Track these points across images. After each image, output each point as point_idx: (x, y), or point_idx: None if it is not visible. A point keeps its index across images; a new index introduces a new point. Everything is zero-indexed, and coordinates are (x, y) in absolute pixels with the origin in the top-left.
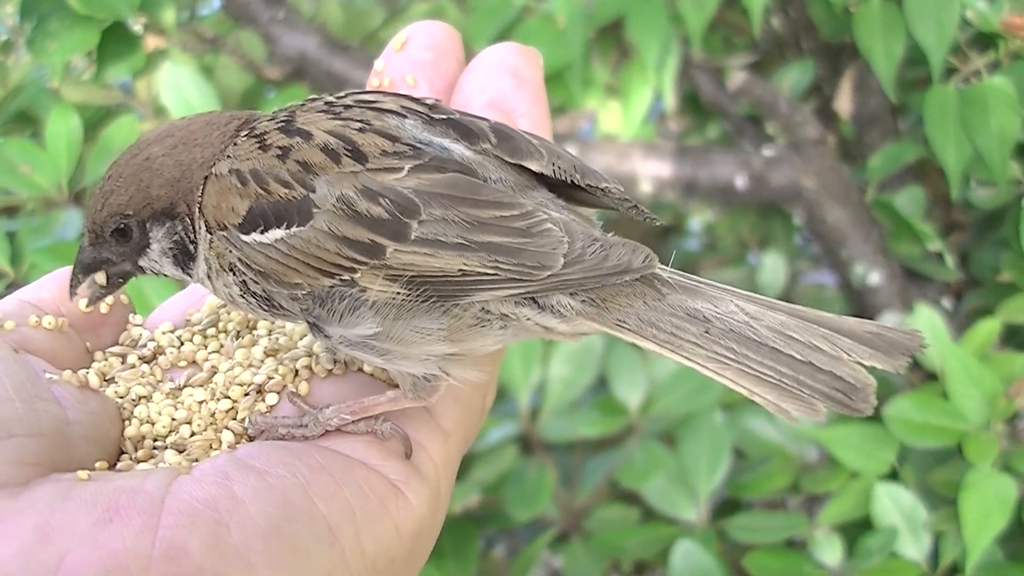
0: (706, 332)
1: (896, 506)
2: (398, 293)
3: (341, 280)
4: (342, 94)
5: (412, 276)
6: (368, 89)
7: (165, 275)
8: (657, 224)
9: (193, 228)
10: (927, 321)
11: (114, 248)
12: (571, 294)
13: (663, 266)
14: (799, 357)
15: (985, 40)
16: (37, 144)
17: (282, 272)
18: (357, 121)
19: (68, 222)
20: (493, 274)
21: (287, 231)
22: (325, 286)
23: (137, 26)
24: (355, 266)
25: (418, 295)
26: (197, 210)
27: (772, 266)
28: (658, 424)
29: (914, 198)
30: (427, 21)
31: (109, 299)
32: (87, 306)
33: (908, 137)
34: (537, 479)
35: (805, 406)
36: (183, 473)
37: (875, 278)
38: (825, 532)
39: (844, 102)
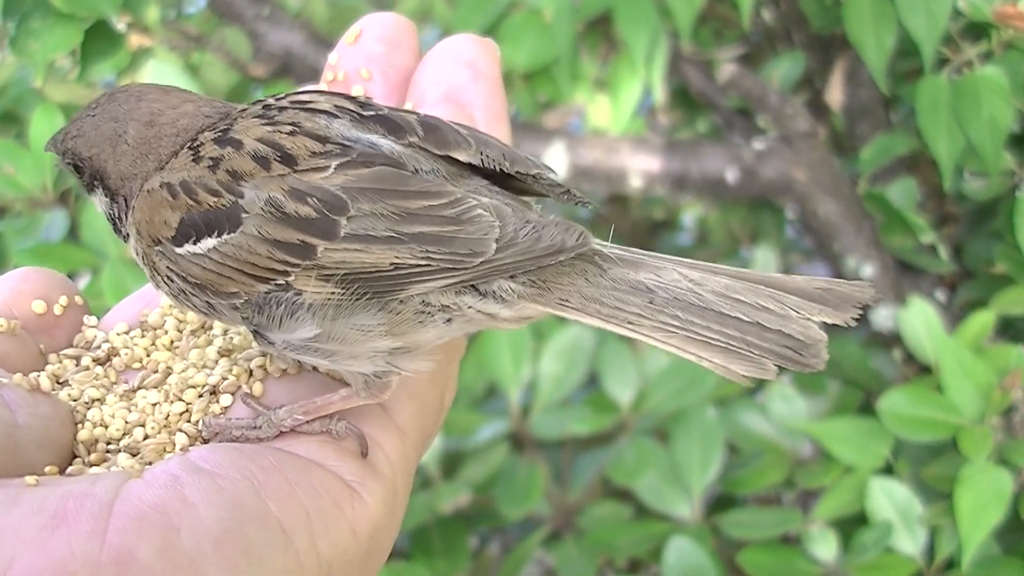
0: (650, 303)
1: (891, 501)
2: (333, 293)
3: (276, 285)
4: (282, 95)
5: (345, 274)
6: (306, 88)
7: None
8: (588, 207)
9: (123, 220)
10: (920, 313)
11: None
12: (511, 278)
13: (603, 242)
14: (745, 318)
15: (977, 30)
16: (21, 145)
17: (218, 282)
18: (288, 124)
19: (53, 223)
20: (425, 265)
21: (218, 239)
22: (261, 292)
23: (120, 24)
24: (288, 269)
25: (353, 292)
26: (129, 215)
27: (763, 260)
28: (650, 420)
29: (906, 190)
30: (381, 13)
31: (63, 300)
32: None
33: (900, 129)
34: (528, 477)
35: (754, 366)
36: (134, 477)
37: (868, 271)
38: (819, 527)
39: (835, 94)
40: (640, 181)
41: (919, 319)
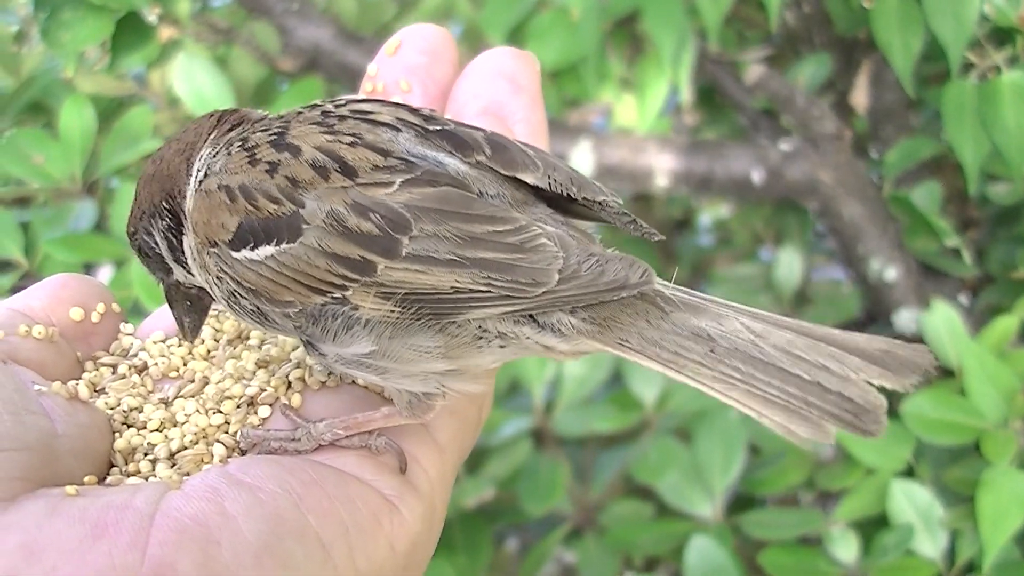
0: (711, 351)
1: (912, 503)
2: (392, 311)
3: (333, 298)
4: (341, 101)
5: (405, 294)
6: (366, 97)
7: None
8: (656, 240)
9: (179, 226)
10: (944, 317)
11: (150, 264)
12: (571, 312)
13: (665, 282)
14: (807, 377)
15: (1003, 35)
16: (50, 134)
17: (273, 289)
18: (348, 135)
19: (81, 213)
20: (486, 291)
21: (277, 248)
22: (317, 304)
23: (151, 16)
24: (346, 283)
25: (412, 313)
26: (183, 217)
27: (787, 262)
28: (673, 419)
29: (930, 193)
30: (421, 24)
31: (100, 307)
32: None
33: (923, 132)
34: (551, 474)
35: (814, 427)
36: (173, 488)
37: (891, 274)
38: (841, 529)
39: (860, 96)
40: (666, 180)
41: (942, 322)
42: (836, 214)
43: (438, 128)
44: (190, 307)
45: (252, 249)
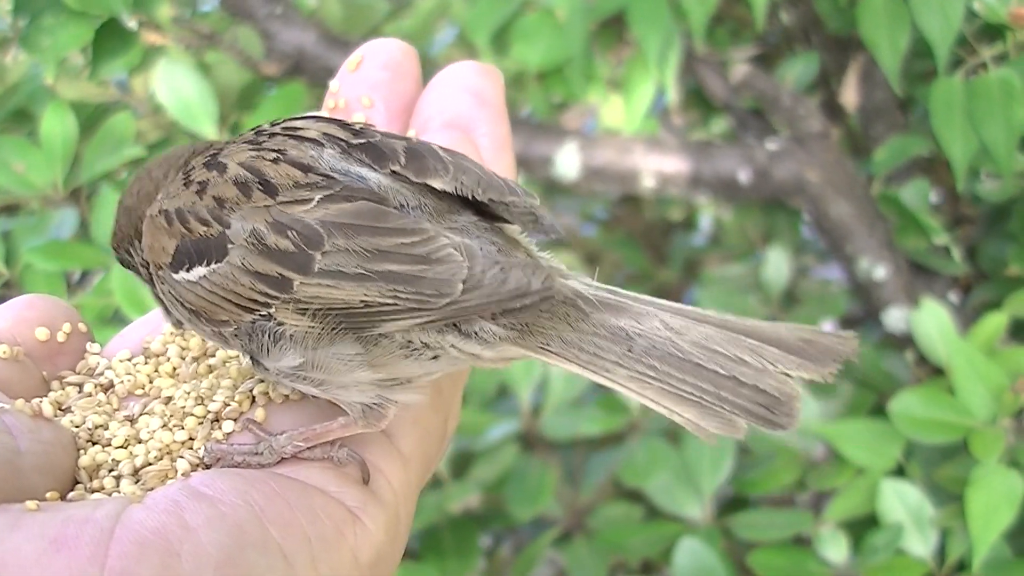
0: (628, 351)
1: (902, 502)
2: (311, 326)
3: (260, 315)
4: (279, 120)
5: (319, 309)
6: (304, 115)
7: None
8: (554, 238)
9: (139, 255)
10: (933, 315)
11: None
12: (493, 319)
13: (589, 282)
14: (722, 371)
15: (993, 32)
16: (32, 142)
17: (210, 309)
18: (273, 151)
19: (63, 221)
20: (393, 304)
21: (208, 268)
22: (248, 321)
23: (132, 23)
24: (269, 300)
25: (330, 326)
26: (138, 244)
27: (775, 261)
28: (660, 421)
29: (920, 191)
30: (383, 39)
31: (67, 327)
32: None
33: (914, 130)
34: (539, 477)
35: (725, 423)
36: (135, 502)
37: (881, 272)
38: (830, 529)
39: (850, 95)
40: (653, 181)
41: (931, 321)
42: (824, 213)
43: (361, 142)
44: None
45: (188, 270)
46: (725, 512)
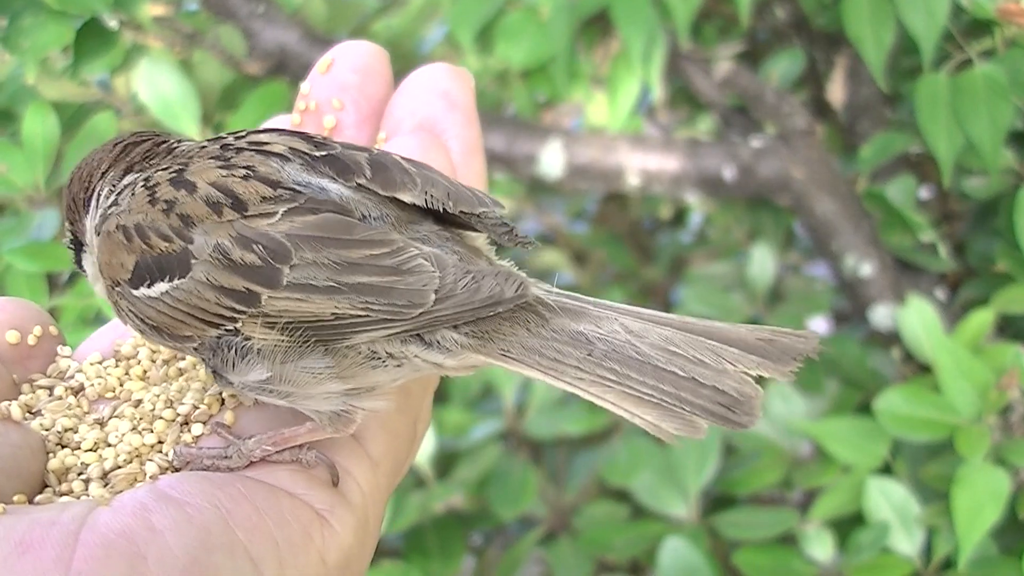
0: (588, 355)
1: (888, 500)
2: (280, 340)
3: (226, 330)
4: (243, 132)
5: (288, 322)
6: (266, 127)
7: None
8: (530, 247)
9: (80, 250)
10: (919, 312)
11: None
12: (455, 328)
13: (548, 287)
14: (681, 373)
15: (980, 28)
16: (14, 142)
17: (172, 325)
18: (243, 168)
19: (44, 222)
20: (365, 315)
21: (170, 284)
22: (212, 336)
23: (113, 22)
24: (235, 315)
25: (300, 339)
26: (84, 245)
27: (761, 259)
28: None
29: (906, 188)
30: (354, 41)
31: (37, 330)
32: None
33: (900, 126)
34: (522, 477)
35: (685, 424)
36: (102, 505)
37: (866, 269)
38: (816, 527)
39: (836, 91)
40: (637, 179)
41: (917, 318)
42: (809, 210)
43: (324, 154)
44: None
45: (149, 286)
46: (711, 511)
